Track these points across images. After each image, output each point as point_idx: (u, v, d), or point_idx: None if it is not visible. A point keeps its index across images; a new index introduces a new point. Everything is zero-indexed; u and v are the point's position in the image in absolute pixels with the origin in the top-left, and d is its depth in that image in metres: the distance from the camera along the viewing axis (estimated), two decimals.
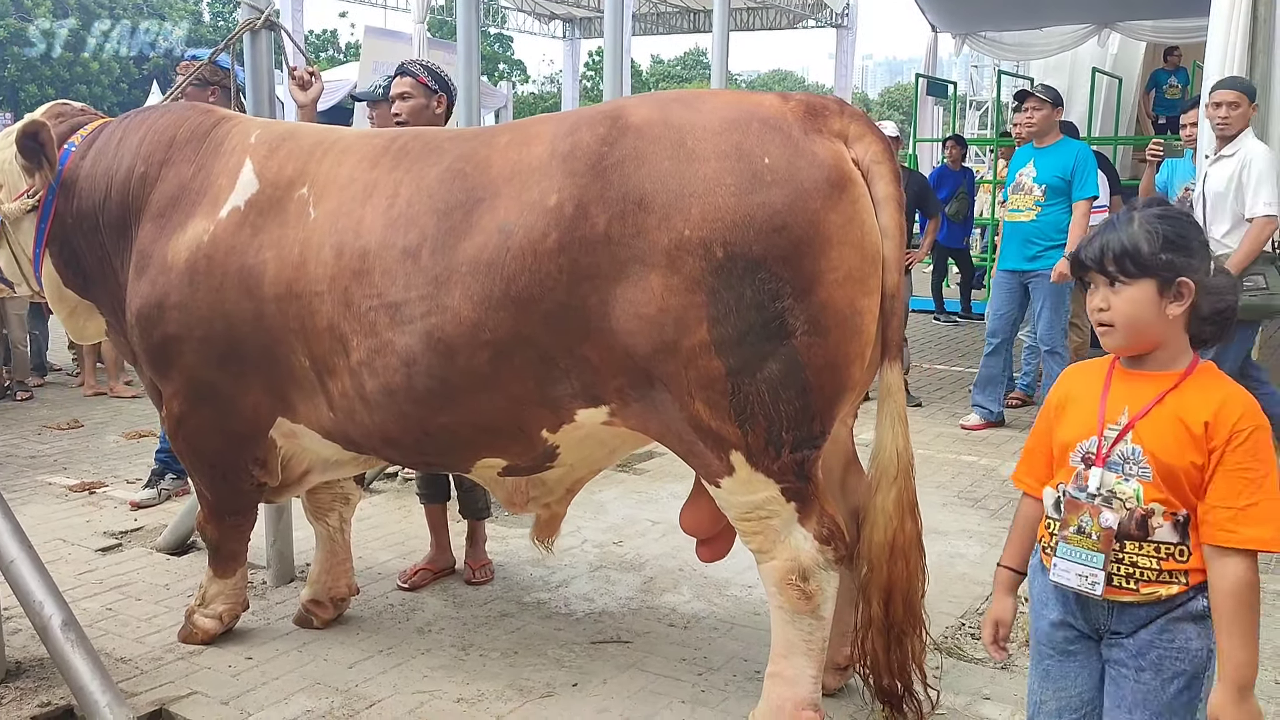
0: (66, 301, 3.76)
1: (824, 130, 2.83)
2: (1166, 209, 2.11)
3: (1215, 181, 5.46)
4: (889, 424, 2.95)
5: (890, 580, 2.94)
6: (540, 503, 3.50)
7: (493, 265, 2.88)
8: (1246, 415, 2.00)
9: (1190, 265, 2.04)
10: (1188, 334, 2.09)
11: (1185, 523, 2.04)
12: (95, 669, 3.04)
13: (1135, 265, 2.04)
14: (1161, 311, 2.05)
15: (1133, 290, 2.05)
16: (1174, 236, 2.04)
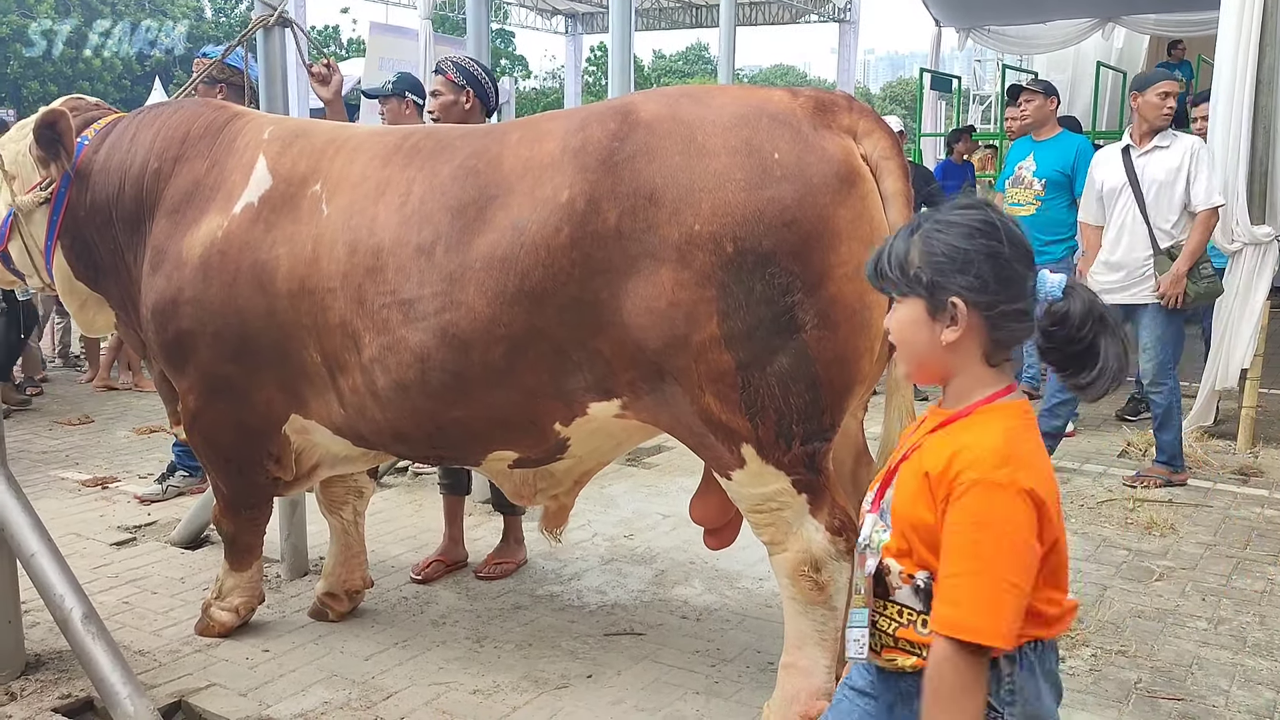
0: (77, 294, 3.78)
1: (833, 125, 2.85)
2: (964, 214, 1.73)
3: (1156, 172, 5.49)
4: (897, 418, 2.97)
5: None
6: (548, 494, 3.53)
7: (507, 261, 2.90)
8: (974, 466, 1.64)
9: (968, 284, 1.68)
10: (990, 364, 1.75)
11: (928, 588, 1.72)
12: (116, 661, 3.07)
13: (903, 280, 1.74)
14: (935, 336, 1.73)
15: (903, 309, 1.76)
16: (949, 250, 1.70)
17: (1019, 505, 1.61)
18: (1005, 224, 1.72)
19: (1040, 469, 1.68)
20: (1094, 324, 1.68)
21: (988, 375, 1.75)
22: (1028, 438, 1.71)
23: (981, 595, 1.59)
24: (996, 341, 1.72)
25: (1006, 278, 1.69)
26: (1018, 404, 1.75)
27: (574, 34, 20.95)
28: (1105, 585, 4.18)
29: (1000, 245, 1.69)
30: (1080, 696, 3.29)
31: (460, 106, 4.31)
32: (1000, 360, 1.75)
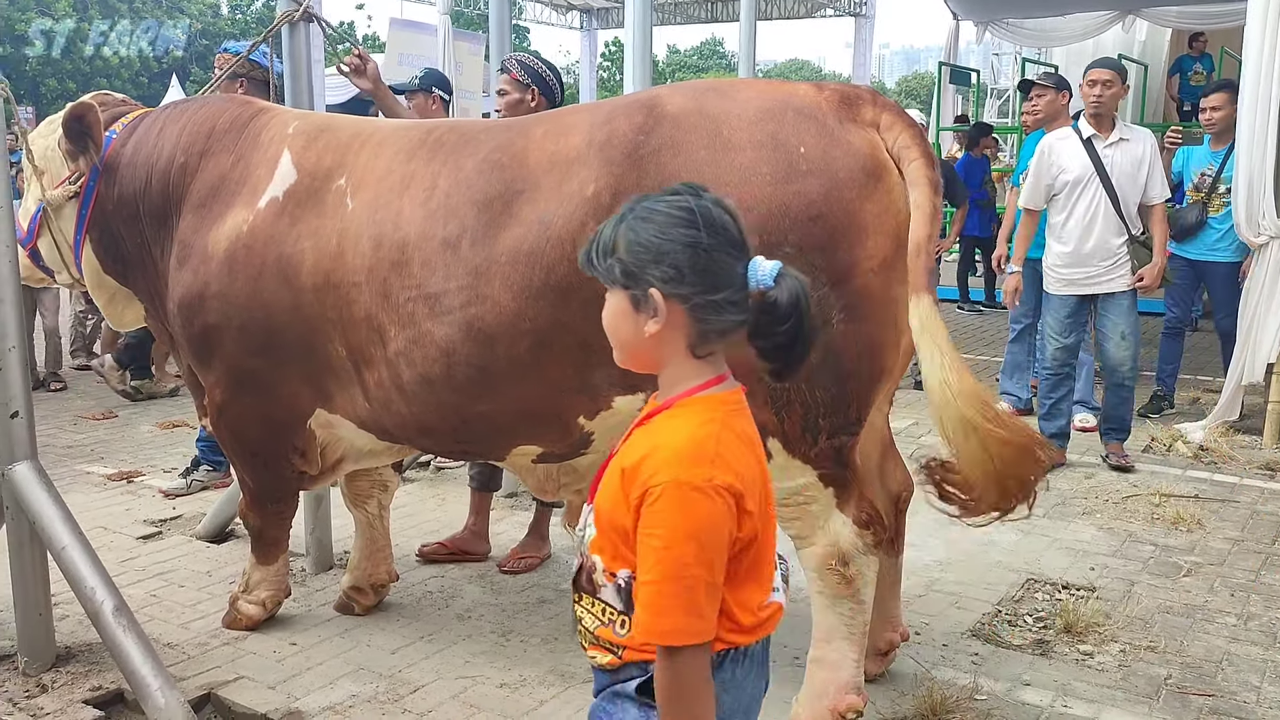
0: (105, 288, 3.81)
1: (858, 119, 2.85)
2: (666, 202, 1.66)
3: (1123, 163, 5.52)
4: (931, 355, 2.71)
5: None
6: (571, 489, 3.53)
7: (533, 255, 2.90)
8: (668, 466, 1.58)
9: (664, 276, 1.61)
10: (697, 355, 1.66)
11: (629, 588, 1.65)
12: (146, 654, 3.09)
13: (607, 270, 1.67)
14: (639, 327, 1.65)
15: (611, 299, 1.69)
16: (647, 241, 1.63)
17: (715, 503, 1.57)
18: (709, 212, 1.65)
19: (738, 462, 1.62)
20: (798, 313, 1.63)
21: (694, 367, 1.68)
22: (729, 431, 1.64)
23: (680, 598, 1.56)
24: (702, 333, 1.64)
25: (706, 268, 1.62)
26: (721, 396, 1.68)
27: (588, 29, 20.92)
28: (1132, 581, 4.16)
29: (699, 234, 1.62)
30: (1109, 692, 3.28)
31: (526, 105, 4.30)
32: (707, 351, 1.67)
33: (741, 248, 1.66)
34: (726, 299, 1.63)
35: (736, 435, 1.65)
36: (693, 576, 1.56)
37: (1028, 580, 4.18)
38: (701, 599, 1.57)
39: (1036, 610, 3.91)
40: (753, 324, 1.64)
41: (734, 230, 1.67)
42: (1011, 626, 3.77)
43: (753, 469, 1.65)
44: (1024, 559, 4.39)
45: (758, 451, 1.70)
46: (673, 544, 1.56)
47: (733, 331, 1.66)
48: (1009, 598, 4.02)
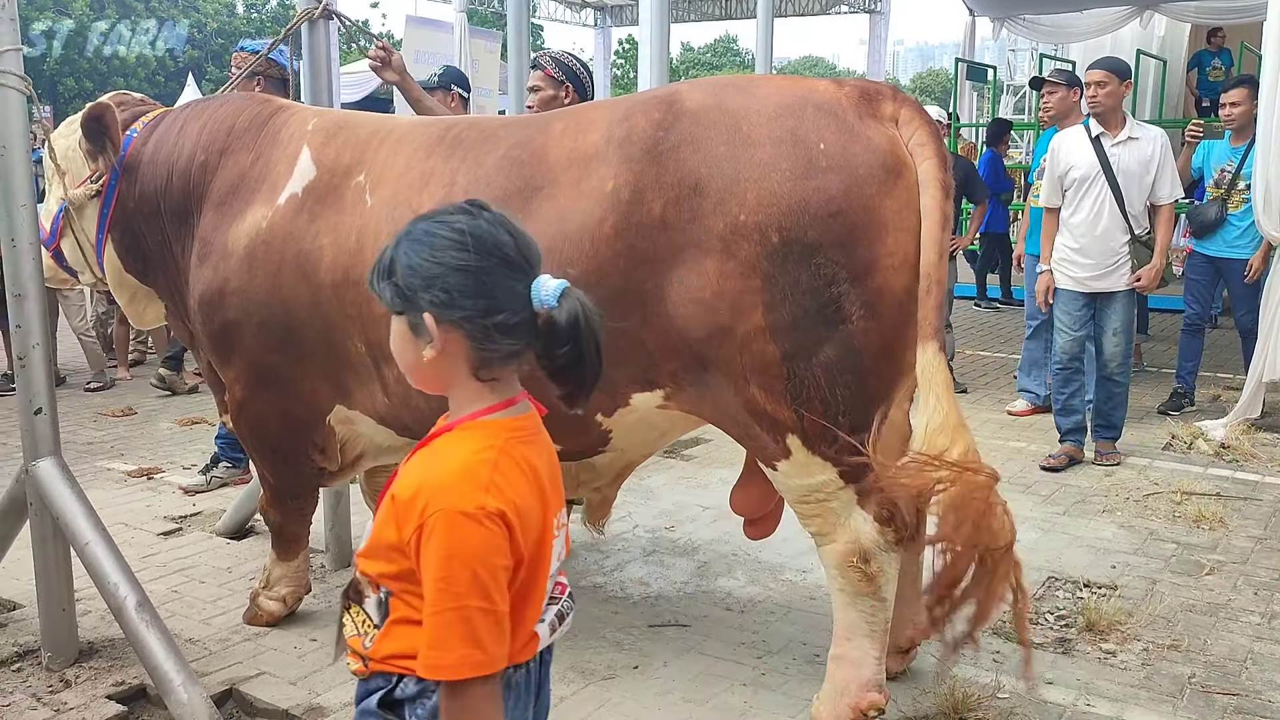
0: (127, 286, 3.82)
1: (878, 115, 2.84)
2: (439, 224, 1.60)
3: (1129, 162, 5.54)
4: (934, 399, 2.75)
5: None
6: (590, 486, 3.53)
7: (551, 252, 2.89)
8: (438, 497, 1.53)
9: (435, 300, 1.56)
10: (480, 379, 1.62)
11: (386, 605, 1.65)
12: (169, 649, 3.11)
13: (385, 294, 1.62)
14: (419, 353, 1.60)
15: (395, 323, 1.64)
16: (417, 264, 1.57)
17: (488, 530, 1.53)
18: (482, 232, 1.59)
19: (514, 491, 1.57)
20: (577, 334, 1.58)
21: (478, 391, 1.63)
22: (507, 458, 1.59)
23: (457, 629, 1.51)
24: (483, 357, 1.59)
25: (479, 291, 1.56)
26: (506, 422, 1.63)
27: (602, 27, 20.91)
28: (1154, 579, 4.14)
29: (469, 256, 1.56)
30: (1133, 691, 3.26)
31: (560, 101, 4.31)
32: (491, 375, 1.62)
33: (520, 268, 1.60)
34: (504, 322, 1.57)
35: (516, 463, 1.60)
36: (469, 607, 1.51)
37: (1048, 578, 4.16)
38: (480, 629, 1.52)
39: (1058, 608, 3.89)
40: (539, 346, 1.60)
41: (511, 250, 1.60)
42: (1033, 625, 3.75)
43: (528, 500, 1.60)
44: (1044, 557, 4.37)
45: (539, 482, 1.64)
46: (448, 575, 1.51)
47: (517, 354, 1.61)
48: (1030, 596, 3.99)
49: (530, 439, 1.67)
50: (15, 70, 3.19)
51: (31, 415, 3.31)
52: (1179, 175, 6.59)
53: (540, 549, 1.63)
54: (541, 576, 1.65)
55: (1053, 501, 5.11)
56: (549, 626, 1.70)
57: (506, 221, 1.63)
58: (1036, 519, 4.85)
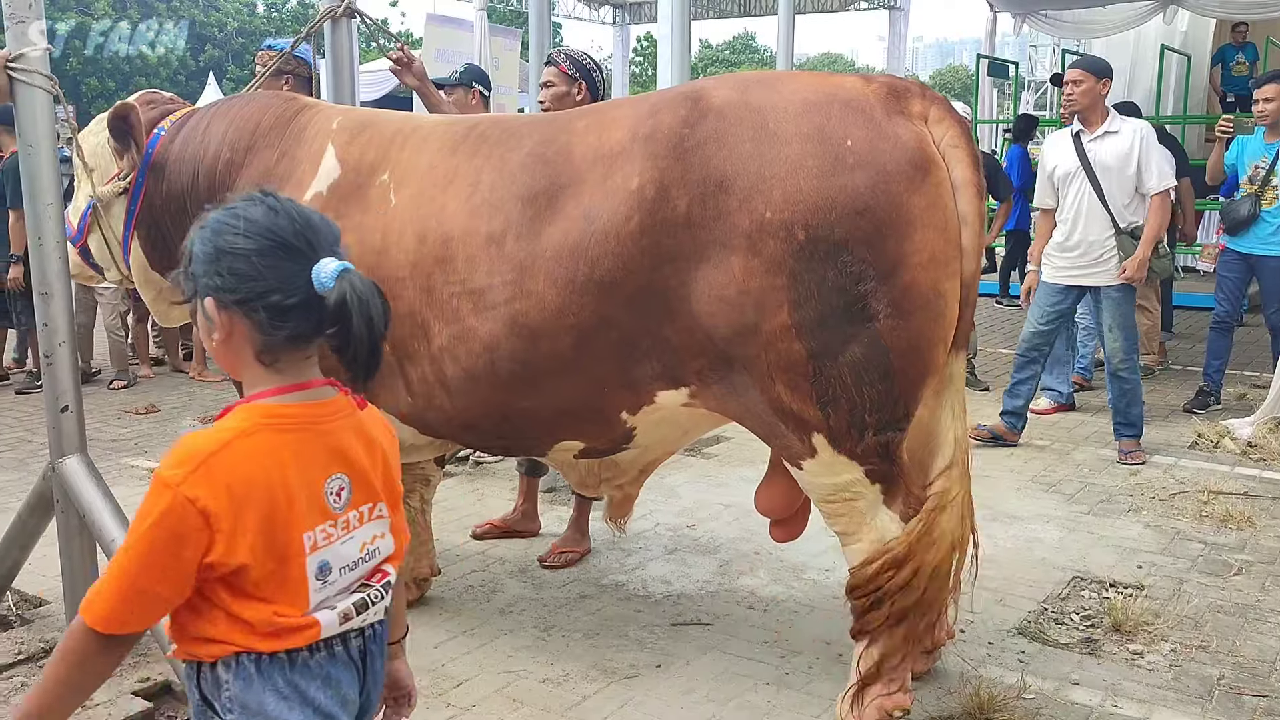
0: (153, 283, 3.83)
1: (906, 112, 2.81)
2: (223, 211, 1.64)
3: (1106, 156, 5.61)
4: (949, 411, 2.97)
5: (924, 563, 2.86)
6: (613, 484, 3.53)
7: (577, 250, 2.89)
8: (165, 459, 1.57)
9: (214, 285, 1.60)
10: (264, 363, 1.64)
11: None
12: None
13: (176, 278, 1.69)
14: (210, 336, 1.65)
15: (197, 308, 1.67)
16: (199, 250, 1.62)
17: (171, 509, 1.52)
18: (256, 217, 1.61)
19: (239, 479, 1.56)
20: (346, 315, 1.58)
21: (259, 375, 1.64)
22: (251, 443, 1.59)
23: (111, 580, 1.55)
24: (264, 340, 1.61)
25: (252, 275, 1.58)
26: (272, 406, 1.63)
27: (621, 24, 20.91)
28: (1182, 579, 4.10)
29: (244, 241, 1.59)
30: (1161, 693, 3.23)
31: (572, 98, 4.32)
32: (274, 359, 1.63)
33: (299, 252, 1.61)
34: (279, 304, 1.58)
35: (265, 451, 1.60)
36: (126, 568, 1.54)
37: (1074, 578, 4.12)
38: (123, 593, 1.54)
39: (1084, 608, 3.86)
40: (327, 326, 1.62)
41: (289, 234, 1.61)
42: (1058, 625, 3.72)
43: (262, 493, 1.59)
44: (1069, 556, 4.33)
45: (288, 475, 1.62)
46: (134, 530, 1.55)
47: (302, 339, 1.62)
48: (1055, 595, 3.97)
49: (307, 426, 1.66)
50: (42, 70, 3.21)
51: (58, 413, 3.33)
52: (1213, 171, 6.54)
53: (276, 540, 1.61)
54: (294, 566, 1.63)
55: (1077, 500, 5.07)
56: (340, 615, 1.68)
57: (289, 207, 1.65)
58: (1061, 518, 4.81)
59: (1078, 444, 6.07)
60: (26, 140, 3.23)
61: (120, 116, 3.56)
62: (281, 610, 1.62)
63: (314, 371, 1.69)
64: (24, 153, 3.25)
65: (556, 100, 4.33)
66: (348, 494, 1.69)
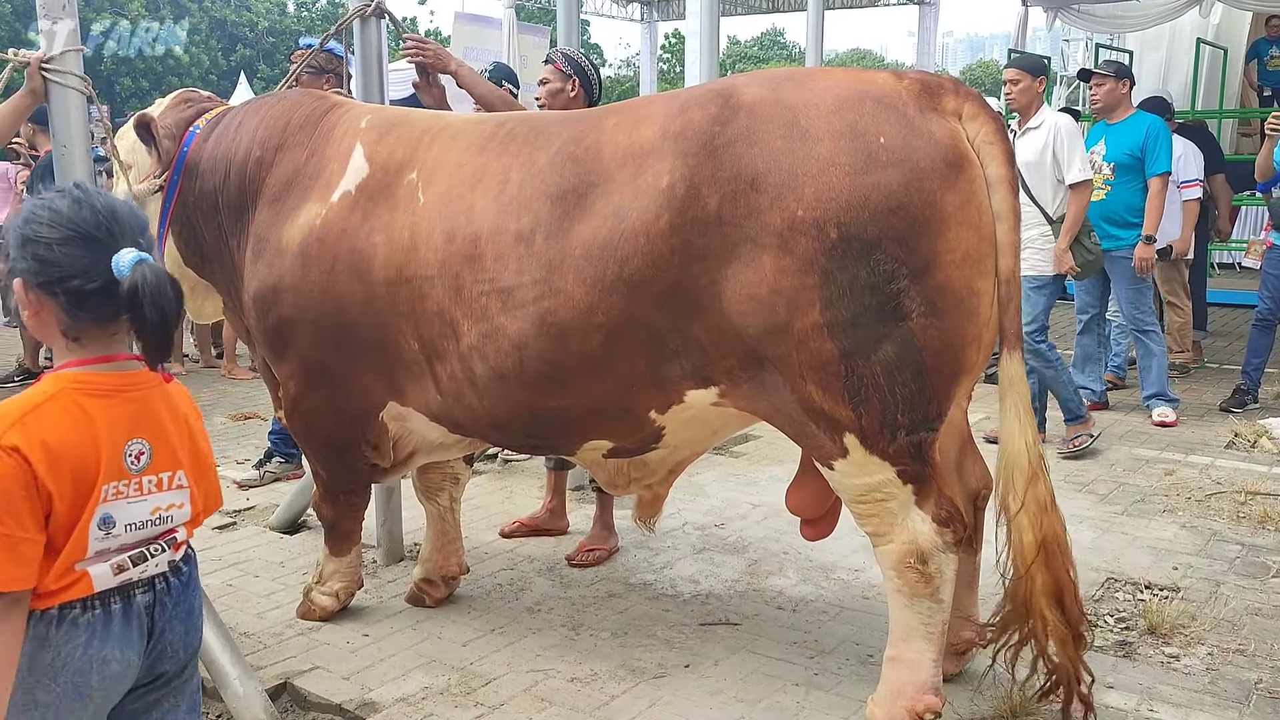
0: (186, 280, 3.86)
1: (939, 109, 2.78)
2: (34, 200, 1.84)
3: (1026, 152, 5.65)
4: (1014, 416, 2.87)
5: (1057, 581, 2.84)
6: (642, 484, 3.51)
7: (606, 248, 2.88)
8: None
9: (24, 269, 1.80)
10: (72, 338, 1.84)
11: None
12: (226, 643, 3.14)
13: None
14: (22, 311, 1.86)
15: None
16: (14, 235, 1.82)
17: (6, 462, 1.70)
18: (60, 208, 1.81)
19: (52, 434, 1.75)
20: (138, 301, 1.77)
21: (65, 347, 1.86)
22: (57, 404, 1.79)
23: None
24: (68, 319, 1.82)
25: (55, 260, 1.78)
26: (77, 374, 1.83)
27: (649, 21, 20.87)
28: (1219, 581, 4.03)
29: (44, 230, 1.79)
30: (1197, 696, 3.18)
31: (565, 94, 4.47)
32: (78, 336, 1.83)
33: (100, 241, 1.80)
34: (78, 289, 1.78)
35: (67, 409, 1.79)
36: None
37: (1108, 579, 4.07)
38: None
39: (1118, 610, 3.81)
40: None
41: (90, 224, 1.80)
42: (1092, 627, 3.66)
43: (70, 444, 1.77)
44: (1103, 558, 4.28)
45: (94, 431, 1.80)
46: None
47: (103, 319, 1.83)
48: (1089, 597, 3.91)
49: (111, 393, 1.85)
50: (76, 71, 3.23)
51: None
52: (1263, 168, 6.46)
53: (82, 492, 1.78)
54: (83, 520, 1.79)
55: (1111, 501, 5.00)
56: (113, 568, 1.84)
57: (95, 199, 1.85)
58: (1094, 518, 4.75)
59: (1111, 443, 5.99)
60: (60, 140, 3.26)
61: (141, 126, 3.62)
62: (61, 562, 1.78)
63: (120, 346, 1.89)
64: (58, 152, 3.27)
65: (551, 96, 4.48)
66: (147, 458, 1.88)
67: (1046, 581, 2.82)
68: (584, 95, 4.52)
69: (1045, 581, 2.82)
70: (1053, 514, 2.88)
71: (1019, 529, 2.84)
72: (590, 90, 4.55)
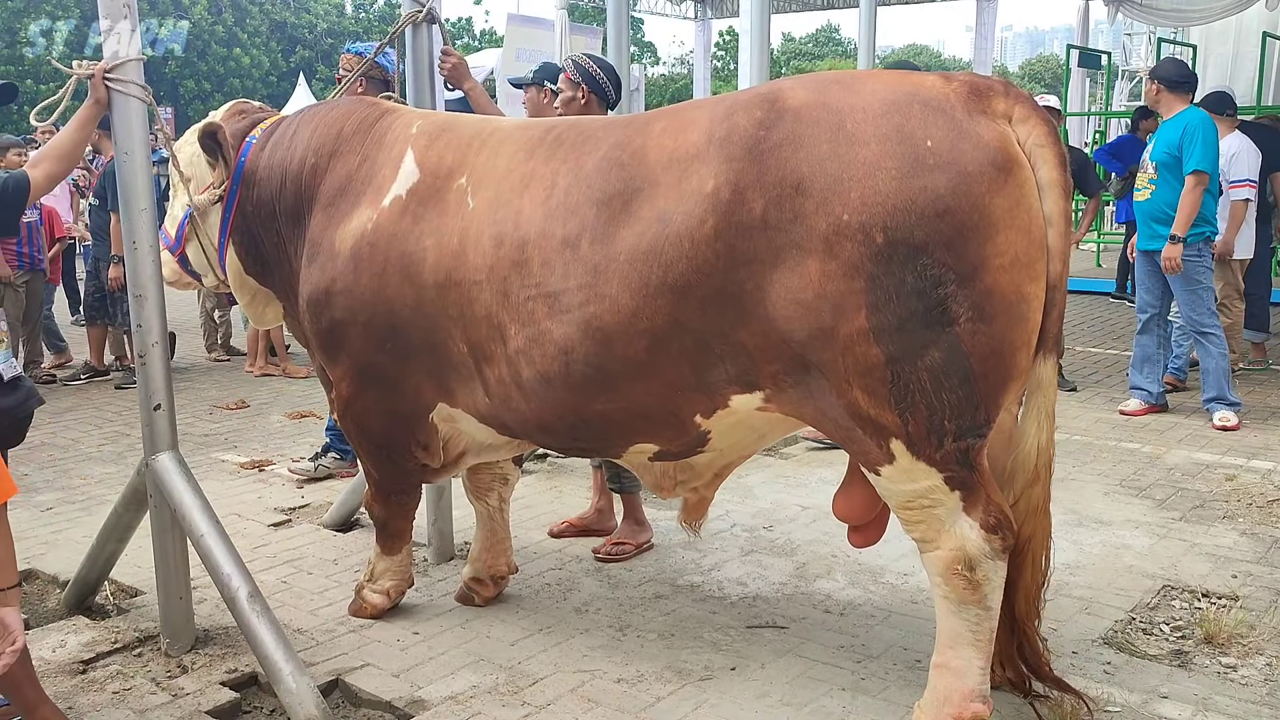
0: (247, 288, 3.95)
1: (988, 111, 2.75)
2: None
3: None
4: (1035, 418, 2.89)
5: (1013, 574, 2.93)
6: (688, 487, 3.52)
7: (651, 253, 2.89)
8: None
9: None
10: None
11: None
12: (279, 639, 3.20)
13: None
14: None
15: None
16: None
17: None
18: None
19: None
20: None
21: None
22: None
23: None
24: None
25: None
26: None
27: (703, 19, 20.87)
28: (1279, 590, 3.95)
29: None
30: (1255, 708, 3.11)
31: (577, 101, 4.55)
32: None
33: None
34: None
35: None
36: None
37: (1164, 586, 4.00)
38: None
39: (1174, 619, 3.74)
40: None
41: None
42: (1147, 635, 3.62)
43: None
44: (1159, 564, 4.21)
45: None
46: None
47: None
48: (1143, 604, 3.85)
49: None
50: (137, 80, 3.32)
51: (151, 411, 3.44)
52: None
53: None
54: None
55: (1168, 506, 4.91)
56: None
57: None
58: (1151, 524, 4.67)
59: (1170, 447, 5.88)
60: (122, 148, 3.35)
61: (209, 134, 3.69)
62: None
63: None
64: (120, 159, 3.36)
65: (565, 105, 4.56)
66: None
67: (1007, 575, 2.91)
68: (596, 101, 4.57)
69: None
70: (1041, 518, 2.96)
71: None
72: (604, 95, 4.59)
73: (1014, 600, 2.97)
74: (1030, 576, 2.98)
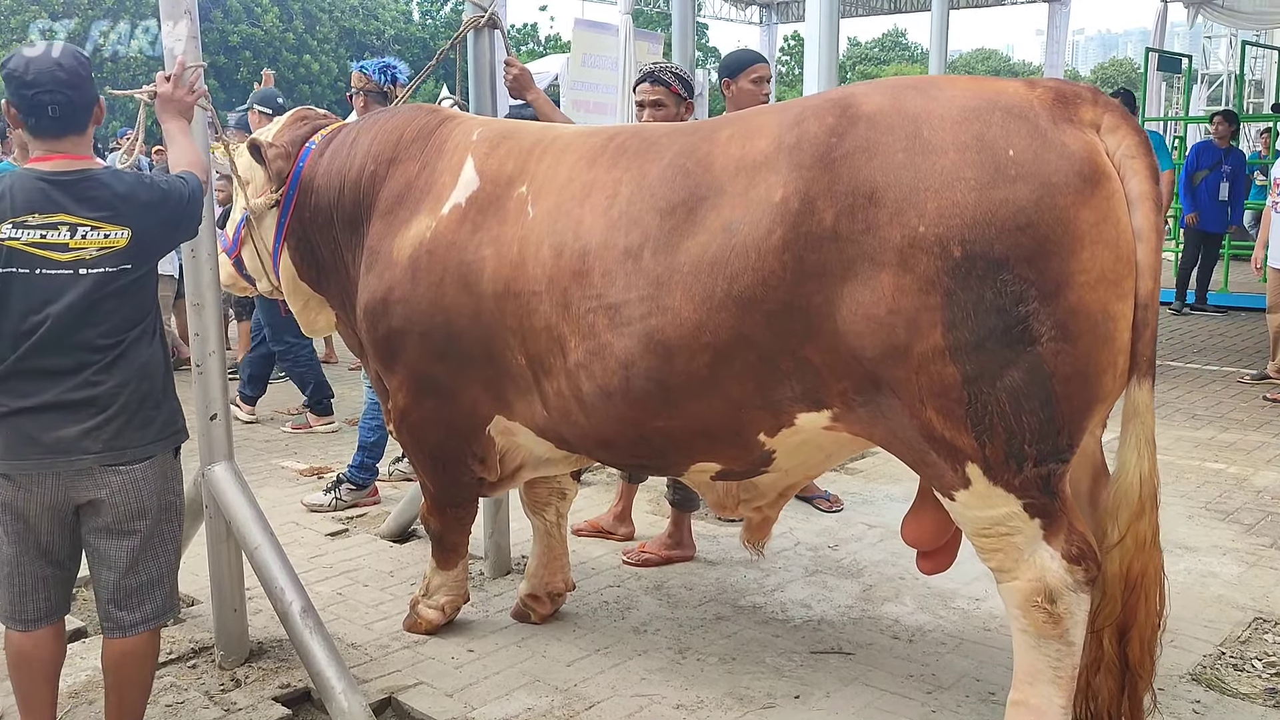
0: (300, 294, 3.92)
1: (1075, 120, 2.60)
2: None
3: None
4: (1134, 446, 2.69)
5: (1125, 617, 2.73)
6: (751, 506, 3.42)
7: (715, 264, 2.79)
8: None
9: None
10: None
11: None
12: (331, 655, 3.15)
13: None
14: None
15: None
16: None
17: None
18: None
19: None
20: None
21: None
22: None
23: None
24: None
25: None
26: None
27: (768, 24, 20.70)
28: None
29: None
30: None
31: (681, 114, 4.39)
32: None
33: None
34: None
35: None
36: None
37: (1255, 619, 3.79)
38: None
39: (1267, 654, 3.53)
40: None
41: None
42: (1238, 671, 3.42)
43: None
44: (1250, 595, 3.99)
45: None
46: None
47: None
48: (1234, 638, 3.65)
49: None
50: None
51: (208, 420, 3.42)
52: None
53: None
54: None
55: (1258, 532, 4.67)
56: None
57: None
58: (1240, 551, 4.44)
59: (1258, 468, 5.62)
60: None
61: (252, 148, 3.70)
62: None
63: None
64: None
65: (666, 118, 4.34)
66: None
67: (1114, 613, 2.72)
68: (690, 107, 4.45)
69: (1112, 613, 2.72)
70: (1151, 552, 2.73)
71: (1110, 559, 2.70)
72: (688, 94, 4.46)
73: (1127, 647, 2.75)
74: (1144, 618, 2.75)
